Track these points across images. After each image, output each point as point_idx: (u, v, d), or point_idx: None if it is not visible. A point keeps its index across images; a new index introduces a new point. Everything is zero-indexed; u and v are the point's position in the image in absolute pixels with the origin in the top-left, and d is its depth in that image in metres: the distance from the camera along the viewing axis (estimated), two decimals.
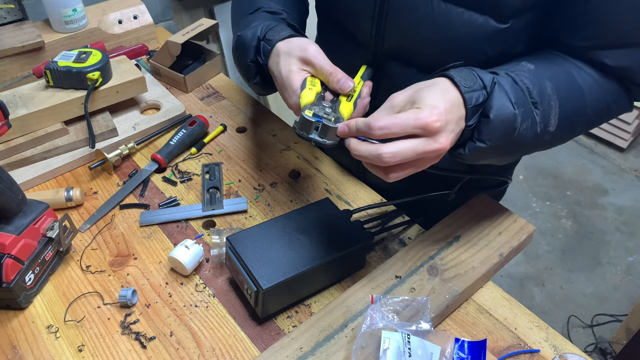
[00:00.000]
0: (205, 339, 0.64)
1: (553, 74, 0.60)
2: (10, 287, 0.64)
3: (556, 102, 0.59)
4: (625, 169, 2.55)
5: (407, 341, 0.58)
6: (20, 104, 0.88)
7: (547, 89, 0.59)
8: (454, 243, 0.72)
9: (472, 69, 0.58)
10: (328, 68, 0.65)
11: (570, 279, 2.04)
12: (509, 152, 0.61)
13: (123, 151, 0.89)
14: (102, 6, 1.18)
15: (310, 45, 0.66)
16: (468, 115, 0.55)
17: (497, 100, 0.56)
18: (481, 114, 0.57)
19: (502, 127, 0.57)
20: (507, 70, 0.60)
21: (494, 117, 0.56)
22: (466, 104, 0.55)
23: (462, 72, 0.57)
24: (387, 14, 0.67)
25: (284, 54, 0.66)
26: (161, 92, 1.04)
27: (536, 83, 0.59)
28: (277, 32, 0.69)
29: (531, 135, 0.59)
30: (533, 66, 0.61)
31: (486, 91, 0.56)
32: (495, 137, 0.57)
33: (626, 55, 0.60)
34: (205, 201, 0.81)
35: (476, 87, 0.56)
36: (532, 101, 0.58)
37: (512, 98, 0.57)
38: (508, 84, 0.58)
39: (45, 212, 0.70)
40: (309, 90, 0.66)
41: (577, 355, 0.61)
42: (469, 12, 0.62)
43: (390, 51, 0.71)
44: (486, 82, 0.56)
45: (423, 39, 0.66)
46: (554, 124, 0.60)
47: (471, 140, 0.58)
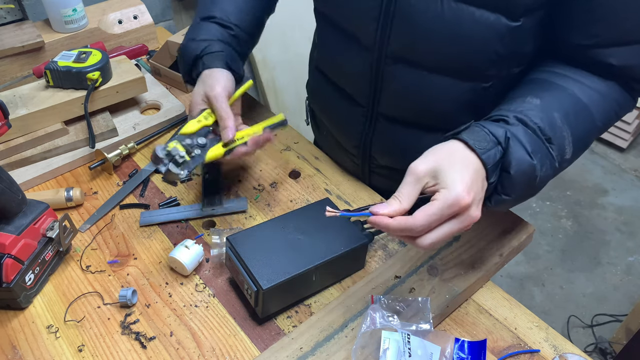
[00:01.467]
0: (205, 339, 0.64)
1: (559, 103, 0.61)
2: (10, 287, 0.64)
3: (568, 132, 0.60)
4: (625, 169, 2.55)
5: (407, 341, 0.58)
6: (20, 104, 0.88)
7: (557, 122, 0.60)
8: (454, 243, 0.72)
9: (483, 126, 0.58)
10: (222, 114, 0.70)
11: (570, 279, 2.04)
12: (532, 194, 0.63)
13: (123, 151, 0.89)
14: (102, 6, 1.18)
15: (219, 86, 0.72)
16: (489, 173, 0.56)
17: (515, 154, 0.57)
18: (501, 169, 0.57)
19: (524, 178, 0.58)
20: (515, 112, 0.60)
21: (515, 173, 0.57)
22: (485, 165, 0.55)
23: (474, 133, 0.57)
24: (393, 16, 0.66)
25: (201, 82, 0.74)
26: (161, 92, 1.04)
27: (545, 119, 0.59)
28: (211, 61, 0.75)
29: (551, 172, 0.60)
30: (539, 101, 0.61)
31: (501, 147, 0.57)
32: (519, 189, 0.58)
33: (631, 53, 0.60)
34: (205, 201, 0.81)
35: (490, 146, 0.56)
36: (546, 138, 0.59)
37: (528, 148, 0.57)
38: (521, 132, 0.58)
39: (45, 212, 0.70)
40: (197, 121, 0.71)
41: (577, 355, 0.61)
42: (480, 11, 0.61)
43: (396, 54, 0.70)
44: (499, 137, 0.57)
45: (432, 39, 0.66)
46: (569, 151, 0.61)
47: (496, 193, 0.59)
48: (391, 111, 0.78)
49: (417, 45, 0.68)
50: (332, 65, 0.84)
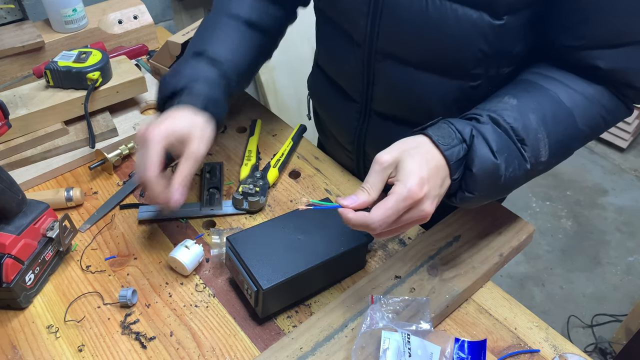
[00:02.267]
0: (205, 339, 0.64)
1: (537, 105, 0.61)
2: (10, 287, 0.64)
3: (544, 134, 0.60)
4: (625, 169, 2.55)
5: (407, 341, 0.58)
6: (20, 104, 0.88)
7: (532, 123, 0.60)
8: (454, 243, 0.72)
9: (451, 124, 0.59)
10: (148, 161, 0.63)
11: (570, 279, 2.04)
12: (502, 193, 0.63)
13: (123, 151, 0.89)
14: (102, 6, 1.18)
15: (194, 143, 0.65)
16: (452, 170, 0.57)
17: (478, 152, 0.57)
18: (465, 167, 0.58)
19: (487, 177, 0.58)
20: (489, 111, 0.60)
21: (477, 170, 0.57)
22: (448, 161, 0.56)
23: (440, 129, 0.58)
24: (382, 12, 0.67)
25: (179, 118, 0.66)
26: None
27: (519, 120, 0.60)
28: (190, 99, 0.68)
29: (521, 174, 0.61)
30: (516, 101, 0.61)
31: (466, 144, 0.57)
32: (482, 187, 0.59)
33: (618, 56, 0.60)
34: (204, 201, 0.81)
35: (454, 143, 0.57)
36: (518, 139, 0.59)
37: (493, 146, 0.58)
38: (489, 131, 0.58)
39: (45, 212, 0.70)
40: (245, 165, 0.86)
41: (577, 355, 0.61)
42: (463, 8, 0.62)
43: (385, 50, 0.71)
44: (465, 135, 0.57)
45: (418, 36, 0.66)
46: (545, 154, 0.61)
47: (460, 190, 0.60)
48: (383, 108, 0.78)
49: (404, 41, 0.69)
50: (329, 61, 0.85)
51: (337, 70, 0.83)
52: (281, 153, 0.89)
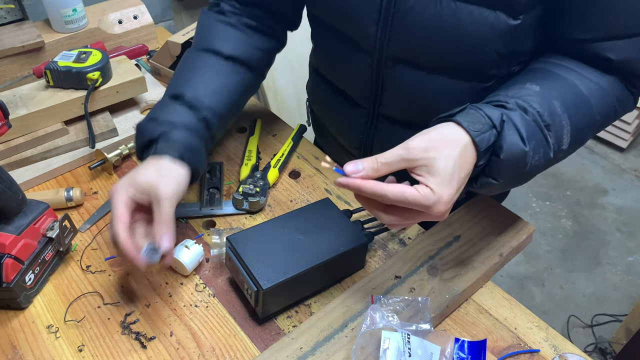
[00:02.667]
0: (205, 339, 0.64)
1: (559, 92, 0.60)
2: (10, 287, 0.64)
3: (567, 121, 0.59)
4: (625, 169, 2.55)
5: (407, 341, 0.58)
6: (20, 104, 0.88)
7: (556, 109, 0.59)
8: (454, 243, 0.72)
9: (479, 108, 0.56)
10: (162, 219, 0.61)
11: (570, 279, 2.04)
12: (522, 181, 0.62)
13: (123, 151, 0.89)
14: (102, 6, 1.18)
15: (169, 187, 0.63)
16: (479, 156, 0.55)
17: (507, 139, 0.55)
18: (492, 153, 0.56)
19: (514, 165, 0.57)
20: (514, 97, 0.59)
21: (505, 157, 0.55)
22: (478, 148, 0.54)
23: (468, 115, 0.56)
24: (393, 18, 0.66)
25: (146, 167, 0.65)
26: (161, 92, 1.03)
27: (545, 105, 0.58)
28: (165, 149, 0.66)
29: (544, 162, 0.59)
30: (538, 87, 0.60)
31: (496, 130, 0.55)
32: (507, 174, 0.57)
33: (629, 46, 0.60)
34: (204, 200, 0.81)
35: (485, 129, 0.55)
36: (545, 124, 0.58)
37: (523, 133, 0.56)
38: (518, 117, 0.57)
39: (45, 212, 0.70)
40: (245, 165, 0.86)
41: (577, 355, 0.61)
42: (479, 9, 0.61)
43: (396, 55, 0.70)
44: (495, 120, 0.55)
45: (432, 40, 0.65)
46: (567, 141, 0.60)
47: (483, 175, 0.58)
48: (392, 112, 0.78)
49: (417, 46, 0.68)
50: (330, 68, 0.84)
51: (342, 76, 0.82)
52: (281, 153, 0.89)
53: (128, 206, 0.62)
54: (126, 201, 0.62)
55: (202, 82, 0.73)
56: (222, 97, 0.74)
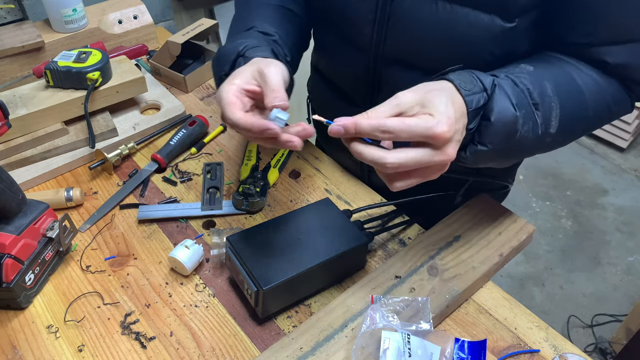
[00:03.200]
0: (205, 339, 0.64)
1: (553, 76, 0.60)
2: (10, 287, 0.64)
3: (557, 104, 0.59)
4: (625, 169, 2.55)
5: (407, 341, 0.58)
6: (20, 104, 0.88)
7: (547, 90, 0.59)
8: (454, 243, 0.72)
9: (472, 72, 0.57)
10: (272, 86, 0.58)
11: (570, 279, 2.04)
12: (510, 154, 0.61)
13: (123, 151, 0.89)
14: (102, 6, 1.18)
15: (273, 68, 0.59)
16: (469, 118, 0.55)
17: (498, 102, 0.55)
18: (482, 117, 0.56)
19: (504, 129, 0.56)
20: (506, 72, 0.60)
21: (495, 120, 0.55)
22: (467, 107, 0.54)
23: (461, 75, 0.56)
24: (389, 18, 0.66)
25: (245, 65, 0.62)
26: (161, 92, 1.04)
27: (536, 84, 0.58)
28: (256, 52, 0.64)
29: (532, 137, 0.59)
30: (532, 68, 0.61)
31: (487, 93, 0.56)
32: (497, 140, 0.57)
33: (626, 51, 0.60)
34: (204, 200, 0.81)
35: (476, 90, 0.55)
36: (533, 102, 0.58)
37: (513, 100, 0.56)
38: (509, 85, 0.57)
39: (45, 212, 0.70)
40: (245, 165, 0.85)
41: (577, 355, 0.61)
42: (475, 12, 0.61)
43: (392, 56, 0.70)
44: (486, 84, 0.56)
45: (427, 41, 0.66)
46: (555, 125, 0.60)
47: (472, 143, 0.57)
48: None
49: (413, 47, 0.68)
50: (329, 66, 0.85)
51: (339, 75, 0.82)
52: (281, 153, 0.89)
53: (236, 92, 0.58)
54: (234, 89, 0.58)
55: (266, 19, 0.73)
56: (287, 33, 0.74)
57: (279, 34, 0.72)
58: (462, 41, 0.64)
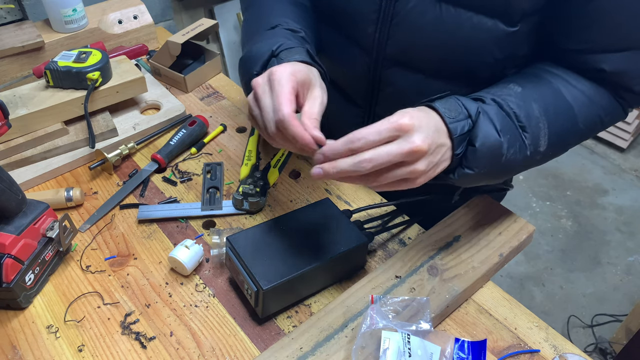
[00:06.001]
0: (205, 339, 0.64)
1: (540, 95, 0.61)
2: (10, 287, 0.64)
3: (545, 124, 0.60)
4: (625, 169, 2.55)
5: (407, 341, 0.58)
6: (20, 104, 0.88)
7: (534, 112, 0.60)
8: (454, 243, 0.72)
9: (458, 99, 0.58)
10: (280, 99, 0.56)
11: (570, 279, 2.04)
12: (499, 175, 0.63)
13: (123, 151, 0.89)
14: (102, 6, 1.18)
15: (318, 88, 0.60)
16: (455, 144, 0.56)
17: (482, 128, 0.57)
18: (468, 143, 0.58)
19: (489, 154, 0.58)
20: (494, 95, 0.60)
21: (480, 146, 0.57)
22: (451, 134, 0.56)
23: (447, 102, 0.58)
24: (392, 19, 0.66)
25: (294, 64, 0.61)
26: (161, 92, 1.04)
27: (523, 107, 0.60)
28: (292, 54, 0.63)
29: (520, 158, 0.60)
30: (520, 89, 0.61)
31: (471, 120, 0.57)
32: (483, 164, 0.58)
33: (623, 59, 0.60)
34: (204, 200, 0.81)
35: (461, 117, 0.57)
36: (520, 125, 0.59)
37: (497, 125, 0.58)
38: (493, 111, 0.58)
39: (45, 212, 0.70)
40: (245, 165, 0.86)
41: (577, 355, 0.61)
42: (478, 16, 0.62)
43: (393, 56, 0.70)
44: (471, 111, 0.57)
45: (430, 43, 0.66)
46: (544, 144, 0.61)
47: (460, 166, 0.59)
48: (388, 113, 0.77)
49: (415, 49, 0.68)
50: (331, 65, 0.84)
51: (340, 74, 0.82)
52: (281, 153, 0.89)
53: (294, 92, 0.57)
54: (292, 89, 0.57)
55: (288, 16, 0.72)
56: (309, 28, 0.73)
57: (304, 30, 0.71)
58: (464, 44, 0.64)
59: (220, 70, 1.14)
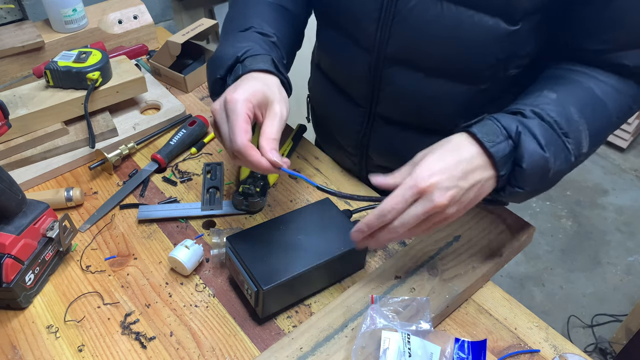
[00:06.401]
0: (205, 339, 0.64)
1: (576, 98, 0.61)
2: (10, 287, 0.64)
3: (584, 126, 0.60)
4: (625, 169, 2.55)
5: (407, 341, 0.58)
6: (20, 104, 0.88)
7: (573, 116, 0.60)
8: (454, 243, 0.72)
9: (495, 119, 0.58)
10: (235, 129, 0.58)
11: (570, 279, 2.04)
12: (549, 186, 0.63)
13: (123, 151, 0.89)
14: (102, 6, 1.18)
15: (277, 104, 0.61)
16: (498, 166, 0.56)
17: (527, 148, 0.57)
18: (514, 163, 0.58)
19: (537, 172, 0.58)
20: (532, 105, 0.60)
21: (527, 166, 0.57)
22: (494, 158, 0.56)
23: (485, 126, 0.57)
24: (393, 17, 0.66)
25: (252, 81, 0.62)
26: (161, 92, 1.04)
27: (562, 113, 0.59)
28: (257, 62, 0.64)
29: (567, 166, 0.60)
30: (555, 95, 0.61)
31: (512, 140, 0.57)
32: (532, 181, 0.58)
33: None
34: (204, 200, 0.81)
35: (500, 139, 0.56)
36: (563, 132, 0.59)
37: (541, 141, 0.57)
38: (535, 125, 0.58)
39: (45, 212, 0.70)
40: None
41: (577, 355, 0.61)
42: (479, 15, 0.61)
43: (395, 55, 0.70)
44: (511, 131, 0.57)
45: (431, 42, 0.66)
46: (586, 145, 0.61)
47: (509, 185, 0.59)
48: (389, 112, 0.78)
49: (416, 47, 0.68)
50: (332, 65, 0.84)
51: (341, 74, 0.82)
52: (281, 153, 0.89)
53: (248, 121, 0.60)
54: (247, 116, 0.59)
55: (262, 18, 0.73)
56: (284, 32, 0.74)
57: (277, 35, 0.72)
58: (466, 42, 0.64)
59: None
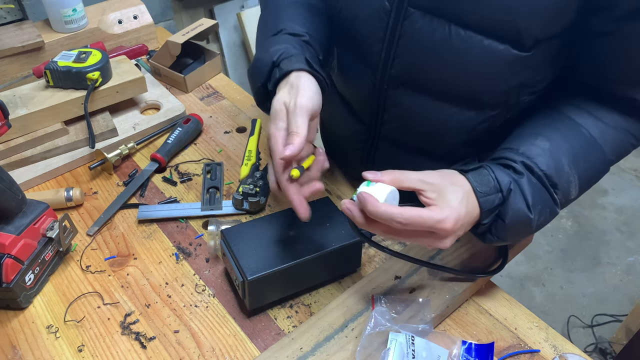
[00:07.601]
0: (205, 339, 0.64)
1: (569, 146, 0.61)
2: (10, 287, 0.64)
3: (575, 176, 0.61)
4: (625, 169, 2.55)
5: (411, 342, 0.58)
6: (20, 104, 0.88)
7: (564, 168, 0.60)
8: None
9: (490, 169, 0.59)
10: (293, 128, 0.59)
11: (570, 279, 2.04)
12: (527, 236, 0.64)
13: (123, 151, 0.89)
14: (102, 6, 1.18)
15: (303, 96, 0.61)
16: (483, 215, 0.57)
17: (513, 206, 0.58)
18: (497, 215, 0.58)
19: (518, 228, 0.59)
20: (523, 156, 0.60)
21: (509, 222, 0.58)
22: (481, 208, 0.57)
23: (480, 175, 0.58)
24: (399, 39, 0.65)
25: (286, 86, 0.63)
26: (161, 92, 1.04)
27: (552, 166, 0.59)
28: (292, 63, 0.64)
29: (550, 218, 0.61)
30: (548, 144, 0.61)
31: (502, 194, 0.57)
32: (511, 235, 0.60)
33: None
34: (204, 200, 0.81)
35: (491, 192, 0.57)
36: (551, 184, 0.59)
37: (529, 200, 0.58)
38: (525, 184, 0.58)
39: (45, 212, 0.70)
40: (245, 165, 0.86)
41: (577, 355, 0.61)
42: (488, 40, 0.59)
43: (400, 76, 0.68)
44: (503, 185, 0.57)
45: (438, 65, 0.64)
46: (575, 192, 0.62)
47: (489, 234, 0.60)
48: (393, 134, 0.77)
49: (422, 70, 0.66)
50: (339, 79, 0.83)
51: (348, 90, 0.81)
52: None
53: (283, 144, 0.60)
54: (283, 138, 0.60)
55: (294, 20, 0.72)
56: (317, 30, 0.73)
57: (309, 33, 0.71)
58: (475, 68, 0.62)
59: (220, 70, 1.14)
